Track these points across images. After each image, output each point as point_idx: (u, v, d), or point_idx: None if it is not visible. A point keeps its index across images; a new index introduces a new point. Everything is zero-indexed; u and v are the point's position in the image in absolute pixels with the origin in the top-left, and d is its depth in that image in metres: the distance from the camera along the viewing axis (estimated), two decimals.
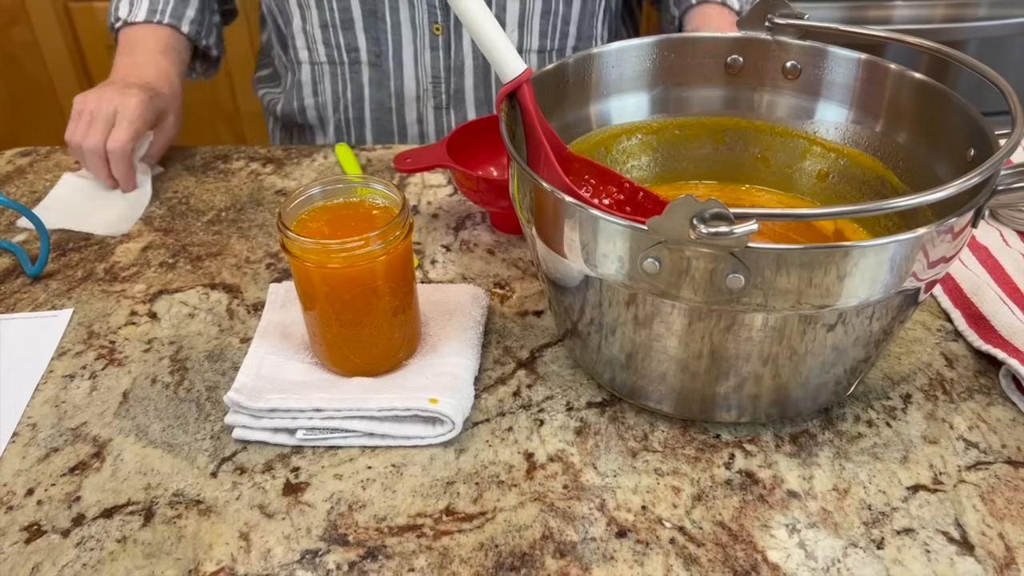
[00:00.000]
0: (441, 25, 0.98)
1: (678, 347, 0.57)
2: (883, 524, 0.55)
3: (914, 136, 0.66)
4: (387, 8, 0.98)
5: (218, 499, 0.57)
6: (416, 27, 0.98)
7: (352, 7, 0.98)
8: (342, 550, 0.54)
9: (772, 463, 0.59)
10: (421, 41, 0.99)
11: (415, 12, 0.98)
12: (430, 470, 0.59)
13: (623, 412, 0.63)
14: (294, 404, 0.60)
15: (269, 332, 0.67)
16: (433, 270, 0.78)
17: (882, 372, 0.66)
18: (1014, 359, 0.63)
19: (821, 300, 0.51)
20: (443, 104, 1.05)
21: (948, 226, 0.51)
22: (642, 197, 0.66)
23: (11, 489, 0.58)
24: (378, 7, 0.98)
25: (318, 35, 1.01)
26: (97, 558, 0.54)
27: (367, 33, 0.99)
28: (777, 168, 0.75)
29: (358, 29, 0.99)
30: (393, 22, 0.98)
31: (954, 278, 0.73)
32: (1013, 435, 0.61)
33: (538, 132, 0.65)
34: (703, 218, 0.46)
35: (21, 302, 0.75)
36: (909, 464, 0.59)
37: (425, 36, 0.99)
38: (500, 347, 0.69)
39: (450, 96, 1.04)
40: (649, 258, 0.51)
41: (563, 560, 0.53)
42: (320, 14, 0.99)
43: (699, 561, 0.53)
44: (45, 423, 0.63)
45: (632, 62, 0.72)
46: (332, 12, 0.99)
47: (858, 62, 0.68)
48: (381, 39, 1.00)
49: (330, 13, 0.99)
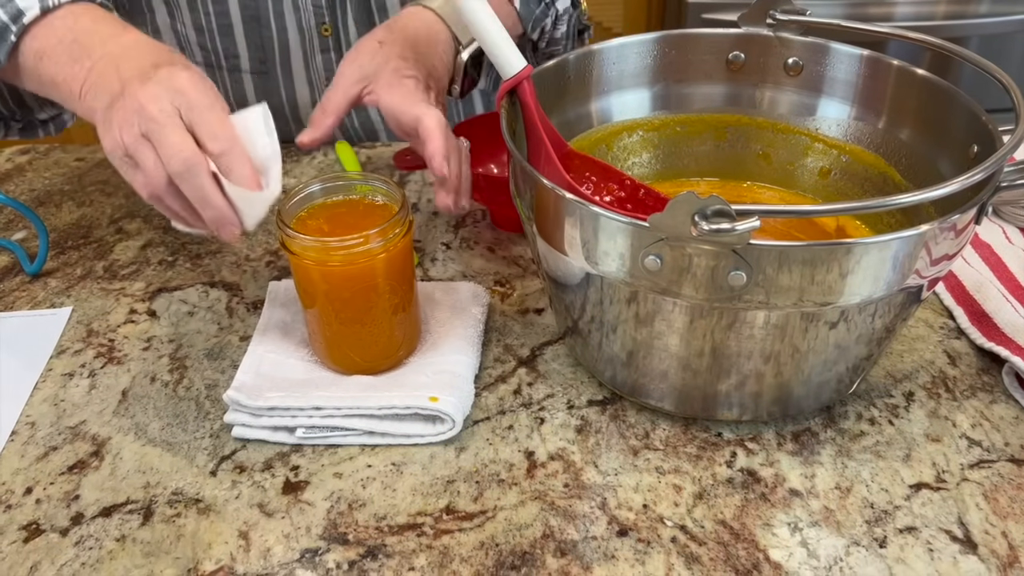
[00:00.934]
0: (329, 25, 0.91)
1: (679, 345, 0.56)
2: (886, 523, 0.54)
3: (916, 133, 0.66)
4: (271, 13, 0.89)
5: (217, 498, 0.57)
6: (303, 31, 0.91)
7: (230, 12, 0.89)
8: (342, 549, 0.54)
9: (774, 461, 0.59)
10: (310, 44, 0.92)
11: (301, 15, 0.90)
12: (430, 469, 0.59)
13: (624, 410, 0.63)
14: (294, 402, 0.60)
15: (269, 330, 0.67)
16: (433, 268, 0.77)
17: (884, 370, 0.66)
18: (1017, 356, 0.63)
19: (823, 297, 0.51)
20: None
21: (951, 223, 0.51)
22: (643, 194, 0.66)
23: (10, 488, 0.58)
24: (260, 13, 0.89)
25: (192, 37, 0.92)
26: (96, 557, 0.53)
27: (248, 39, 0.91)
28: (779, 165, 0.75)
29: (238, 35, 0.90)
30: (278, 27, 0.90)
31: (957, 276, 0.73)
32: (1016, 433, 0.60)
33: (539, 129, 0.64)
34: (705, 215, 0.46)
35: (20, 300, 0.75)
36: (912, 462, 0.58)
37: (314, 39, 0.92)
38: (501, 345, 0.69)
39: None
40: (650, 255, 0.51)
41: (564, 559, 0.53)
42: (194, 16, 0.89)
43: (701, 560, 0.52)
44: (44, 421, 0.63)
45: (633, 58, 0.72)
46: (208, 16, 0.89)
47: (860, 58, 0.68)
48: (267, 47, 0.91)
49: (205, 17, 0.89)
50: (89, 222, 0.85)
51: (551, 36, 0.81)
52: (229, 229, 0.58)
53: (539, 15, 0.78)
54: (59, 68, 0.62)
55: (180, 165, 0.55)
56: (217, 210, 0.57)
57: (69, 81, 0.62)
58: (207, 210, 0.57)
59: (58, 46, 0.63)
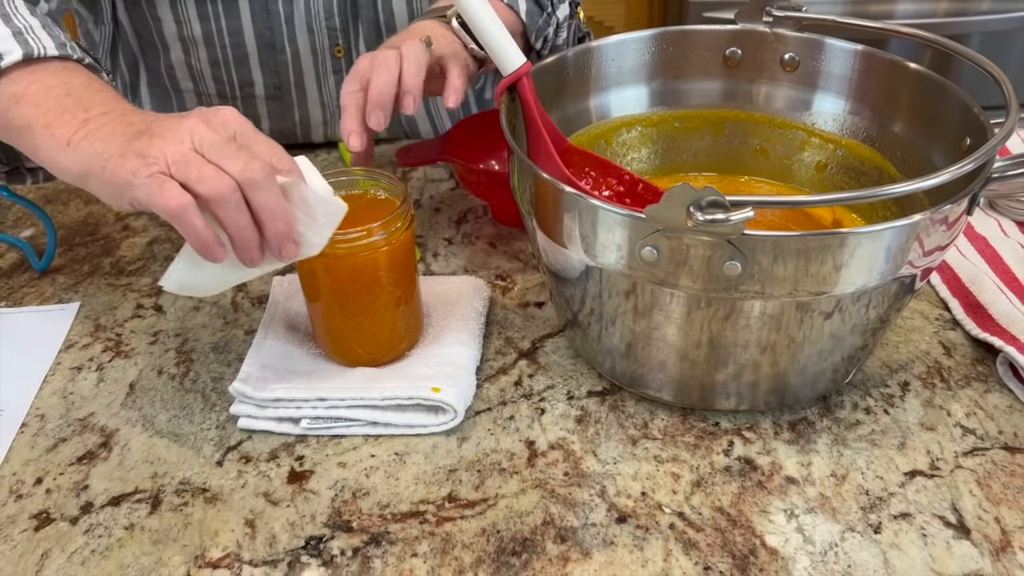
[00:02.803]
0: (342, 47, 0.92)
1: (677, 336, 0.57)
2: (880, 509, 0.55)
3: (911, 126, 0.67)
4: (285, 39, 0.90)
5: (224, 487, 0.58)
6: (317, 53, 0.92)
7: (246, 43, 0.90)
8: (346, 536, 0.55)
9: (771, 450, 0.60)
10: (323, 66, 0.93)
11: (315, 38, 0.91)
12: (433, 458, 0.60)
13: (623, 401, 0.64)
14: (298, 394, 0.61)
15: (273, 324, 0.68)
16: (435, 263, 0.79)
17: (880, 360, 0.67)
18: (1011, 346, 0.63)
19: (818, 287, 0.52)
20: None
21: (943, 214, 0.52)
22: (642, 189, 0.67)
23: (20, 478, 0.59)
24: (276, 39, 0.90)
25: (206, 71, 0.93)
26: (105, 544, 0.55)
27: (264, 67, 0.92)
28: (776, 160, 0.75)
29: (253, 64, 0.91)
30: (292, 51, 0.91)
31: (952, 268, 0.74)
32: (1010, 421, 0.61)
33: (538, 125, 0.65)
34: (699, 206, 0.47)
35: (29, 296, 0.76)
36: (906, 450, 0.59)
37: (327, 60, 0.93)
38: (502, 338, 0.70)
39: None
40: (647, 246, 0.52)
41: (564, 545, 0.54)
42: (210, 51, 0.91)
43: (698, 546, 0.53)
44: (53, 414, 0.64)
45: (631, 55, 0.73)
46: (224, 49, 0.90)
47: (855, 53, 0.69)
48: (281, 72, 0.92)
49: (222, 50, 0.90)
50: (96, 219, 0.86)
51: (553, 44, 0.83)
52: (290, 247, 0.55)
53: (541, 25, 0.79)
54: (41, 114, 0.59)
55: (258, 172, 0.52)
56: (287, 224, 0.54)
57: (53, 127, 0.58)
58: (278, 223, 0.54)
59: (44, 93, 0.60)
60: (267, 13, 0.88)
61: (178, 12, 0.88)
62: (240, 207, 0.53)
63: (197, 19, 0.88)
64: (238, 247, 0.54)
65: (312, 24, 0.90)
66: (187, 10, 0.87)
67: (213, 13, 0.87)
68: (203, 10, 0.87)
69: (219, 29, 0.88)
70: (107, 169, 0.54)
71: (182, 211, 0.52)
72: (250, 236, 0.54)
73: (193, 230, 0.52)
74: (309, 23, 0.90)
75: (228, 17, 0.88)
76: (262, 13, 0.88)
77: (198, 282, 0.57)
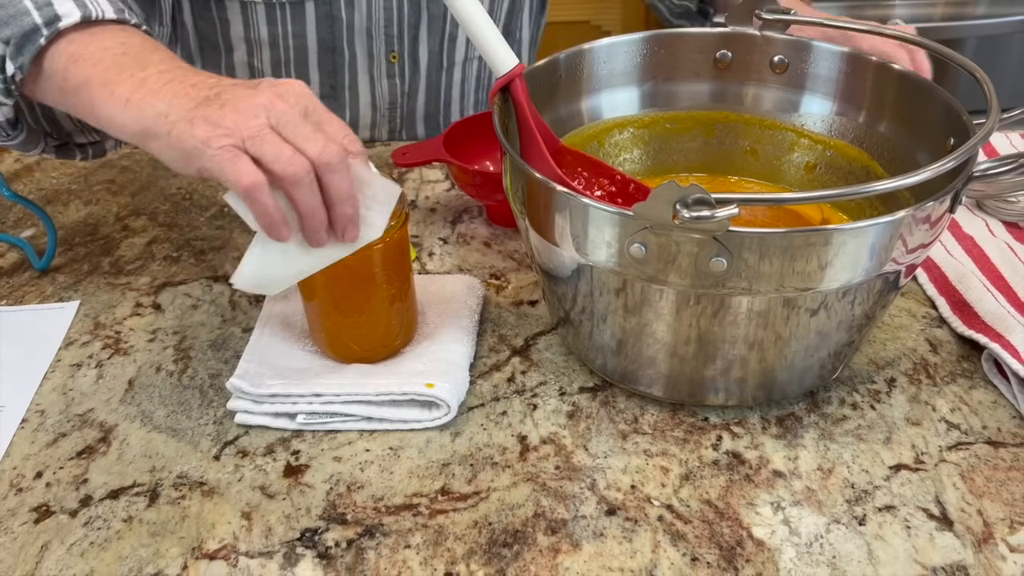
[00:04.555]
0: (397, 53, 0.96)
1: (667, 333, 0.58)
2: (865, 502, 0.56)
3: (897, 127, 0.68)
4: (344, 43, 0.94)
5: (221, 481, 0.59)
6: (373, 57, 0.96)
7: (308, 44, 0.94)
8: (340, 528, 0.56)
9: (759, 444, 0.61)
10: (378, 70, 0.97)
11: (373, 43, 0.95)
12: (426, 452, 0.61)
13: (614, 396, 0.65)
14: (294, 389, 0.62)
15: (270, 321, 0.69)
16: (431, 262, 0.80)
17: (867, 357, 0.68)
18: (996, 344, 0.64)
19: (803, 283, 0.53)
20: (397, 127, 1.04)
21: (926, 211, 0.53)
22: (633, 189, 0.68)
23: (21, 472, 0.60)
24: (336, 43, 0.94)
25: (267, 71, 0.96)
26: (104, 537, 0.56)
27: (322, 67, 0.96)
28: (766, 160, 0.77)
29: (312, 65, 0.95)
30: (350, 55, 0.95)
31: (940, 267, 0.75)
32: (994, 416, 0.62)
33: (531, 126, 0.66)
34: (686, 203, 0.48)
35: (29, 295, 0.77)
36: (892, 445, 0.60)
37: (382, 65, 0.96)
38: (495, 335, 0.71)
39: (403, 119, 1.04)
40: (636, 243, 0.53)
41: (554, 537, 0.55)
42: (273, 52, 0.94)
43: (686, 537, 0.54)
44: (53, 409, 0.65)
45: (622, 57, 0.74)
46: (287, 50, 0.94)
47: (841, 55, 0.70)
48: (338, 73, 0.96)
49: (284, 51, 0.94)
50: (96, 220, 0.87)
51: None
52: (353, 230, 0.56)
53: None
54: (98, 72, 0.58)
55: (335, 156, 0.53)
56: (355, 207, 0.55)
57: (111, 84, 0.57)
58: (347, 206, 0.55)
59: (102, 53, 0.59)
60: (331, 19, 0.92)
61: (247, 16, 0.91)
62: (313, 188, 0.53)
63: (265, 23, 0.91)
64: (307, 228, 0.55)
65: (372, 30, 0.94)
66: (256, 14, 0.91)
67: (280, 17, 0.91)
68: (271, 14, 0.91)
69: (284, 32, 0.92)
70: (173, 134, 0.54)
71: (255, 189, 0.52)
72: (321, 218, 0.54)
73: (264, 209, 0.53)
74: (369, 29, 0.94)
75: (294, 22, 0.91)
76: (326, 19, 0.92)
77: (267, 275, 0.57)
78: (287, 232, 0.54)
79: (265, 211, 0.53)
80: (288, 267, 0.57)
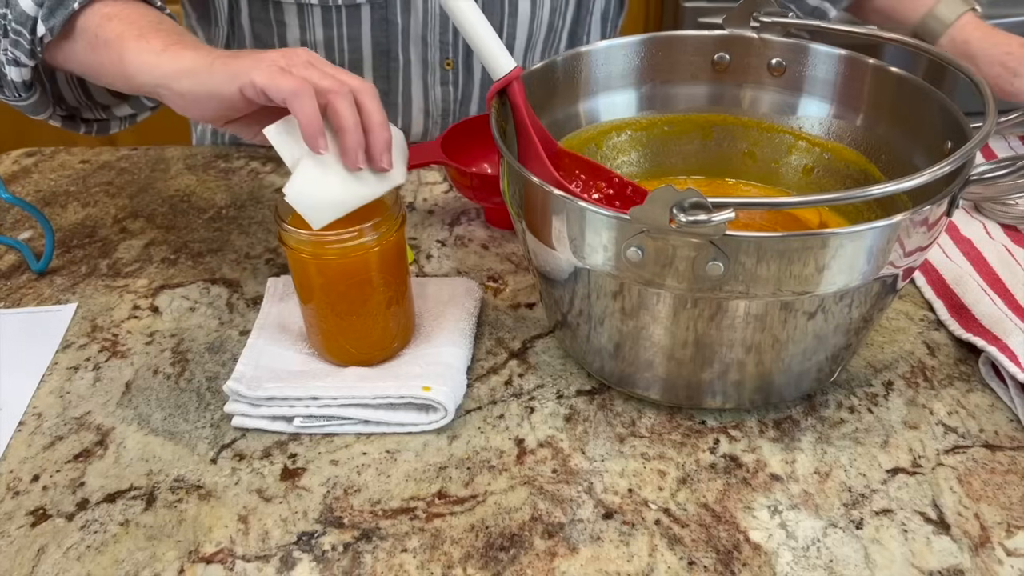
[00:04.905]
0: (452, 60, 0.96)
1: (664, 336, 0.58)
2: (862, 505, 0.56)
3: (894, 130, 0.68)
4: (399, 48, 0.94)
5: (218, 484, 0.59)
6: (427, 64, 0.96)
7: (363, 47, 0.94)
8: (337, 532, 0.56)
9: (756, 448, 0.61)
10: (432, 77, 0.97)
11: (428, 50, 0.95)
12: (423, 456, 0.61)
13: (611, 400, 0.65)
14: (292, 393, 0.62)
15: (268, 324, 0.69)
16: (428, 264, 0.80)
17: (865, 360, 0.68)
18: (993, 347, 0.64)
19: (800, 287, 0.53)
20: None
21: (923, 214, 0.53)
22: (631, 192, 0.68)
23: (17, 475, 0.60)
24: (391, 47, 0.94)
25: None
26: (101, 540, 0.56)
27: (376, 72, 0.96)
28: (764, 163, 0.77)
29: (367, 68, 0.96)
30: (404, 61, 0.95)
31: (937, 269, 0.75)
32: (991, 420, 0.62)
33: (528, 129, 0.66)
34: (682, 207, 0.48)
35: (27, 297, 0.77)
36: (889, 448, 0.60)
37: (436, 72, 0.97)
38: (493, 338, 0.71)
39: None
40: (633, 247, 0.53)
41: (551, 540, 0.55)
42: (328, 54, 0.95)
43: (683, 541, 0.54)
44: (50, 412, 0.65)
45: (620, 60, 0.74)
46: (342, 53, 0.94)
47: (839, 58, 0.70)
48: (392, 78, 0.97)
49: (339, 54, 0.95)
50: (94, 222, 0.87)
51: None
52: (388, 157, 0.60)
53: None
54: (135, 28, 0.63)
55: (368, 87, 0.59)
56: (388, 136, 0.60)
57: (147, 38, 0.63)
58: (383, 131, 0.59)
59: (137, 16, 0.65)
60: (386, 23, 0.92)
61: (303, 18, 0.92)
62: (352, 104, 0.58)
63: (321, 25, 0.92)
64: (346, 144, 0.58)
65: (427, 37, 0.94)
66: (312, 16, 0.91)
67: (336, 20, 0.91)
68: (327, 17, 0.91)
69: (340, 35, 0.92)
70: (215, 65, 0.59)
71: (302, 89, 0.56)
72: (358, 136, 0.58)
73: (306, 112, 0.57)
74: (424, 36, 0.94)
75: (350, 25, 0.92)
76: (381, 23, 0.92)
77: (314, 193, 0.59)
78: (324, 143, 0.58)
79: (308, 115, 0.57)
80: (329, 191, 0.59)
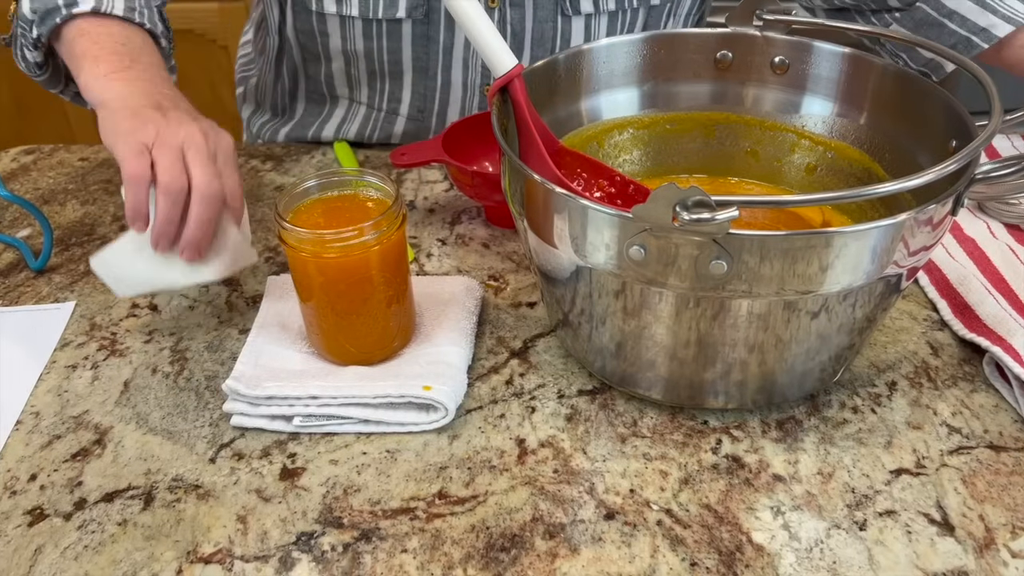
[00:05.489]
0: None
1: (666, 335, 0.58)
2: (866, 506, 0.56)
3: (898, 129, 0.68)
4: (439, 67, 0.94)
5: (216, 484, 0.59)
6: (467, 87, 0.96)
7: (403, 61, 0.94)
8: (337, 532, 0.55)
9: (758, 448, 0.60)
10: (471, 101, 0.97)
11: (468, 73, 0.95)
12: (423, 455, 0.60)
13: (613, 399, 0.64)
14: (291, 392, 0.61)
15: (267, 323, 0.69)
16: (429, 263, 0.79)
17: (868, 360, 0.67)
18: (997, 347, 0.64)
19: (804, 286, 0.52)
20: None
21: (927, 213, 0.52)
22: (632, 190, 0.67)
23: (15, 475, 0.60)
24: (429, 66, 0.94)
25: (363, 80, 0.98)
26: (98, 540, 0.55)
27: (414, 89, 0.96)
28: (766, 162, 0.76)
29: (406, 82, 0.96)
30: (443, 81, 0.95)
31: (941, 269, 0.75)
32: (995, 420, 0.62)
33: (530, 126, 0.66)
34: (685, 205, 0.48)
35: (25, 295, 0.77)
36: (893, 449, 0.60)
37: (475, 96, 0.96)
38: (494, 337, 0.70)
39: None
40: (635, 246, 0.52)
41: (552, 541, 0.54)
42: (369, 64, 0.95)
43: (685, 542, 0.54)
44: (48, 411, 0.65)
45: (622, 58, 0.74)
46: (383, 63, 0.95)
47: (842, 56, 0.69)
48: (428, 96, 0.96)
49: (380, 65, 0.95)
50: (92, 220, 0.87)
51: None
52: (191, 252, 0.65)
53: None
54: (96, 49, 0.72)
55: (211, 191, 0.64)
56: (204, 236, 0.65)
57: (100, 60, 0.71)
58: (196, 230, 0.64)
59: (106, 37, 0.73)
60: (427, 40, 0.92)
61: (345, 30, 0.93)
62: (177, 206, 0.64)
63: (361, 37, 0.93)
64: (157, 230, 0.64)
65: (468, 60, 0.94)
66: (354, 29, 0.92)
67: (376, 32, 0.92)
68: (368, 29, 0.92)
69: (379, 47, 0.93)
70: (117, 113, 0.67)
71: (136, 179, 0.63)
72: (170, 229, 0.64)
73: (135, 198, 0.63)
74: (466, 58, 0.94)
75: (390, 38, 0.92)
76: (422, 39, 0.92)
77: (121, 270, 0.67)
78: (140, 226, 0.64)
79: (135, 200, 0.63)
80: (135, 267, 0.66)
